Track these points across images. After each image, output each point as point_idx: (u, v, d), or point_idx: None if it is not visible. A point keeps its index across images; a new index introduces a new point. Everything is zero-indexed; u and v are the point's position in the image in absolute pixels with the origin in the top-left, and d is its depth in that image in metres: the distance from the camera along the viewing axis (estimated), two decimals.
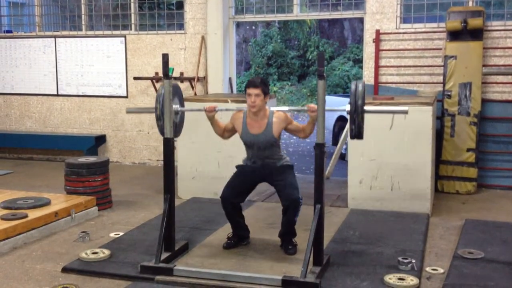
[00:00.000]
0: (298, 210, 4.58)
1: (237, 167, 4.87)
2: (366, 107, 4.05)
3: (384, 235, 5.10)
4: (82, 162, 6.12)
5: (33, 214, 5.23)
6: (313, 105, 4.25)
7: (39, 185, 7.45)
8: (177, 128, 4.67)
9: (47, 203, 5.57)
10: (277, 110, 4.65)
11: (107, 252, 4.56)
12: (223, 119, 4.97)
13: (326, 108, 4.13)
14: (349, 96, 4.07)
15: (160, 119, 4.47)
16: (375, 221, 5.59)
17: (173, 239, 4.55)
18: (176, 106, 4.55)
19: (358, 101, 4.00)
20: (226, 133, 4.83)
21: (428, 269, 4.33)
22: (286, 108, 4.64)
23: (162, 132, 4.53)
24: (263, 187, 5.69)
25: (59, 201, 5.73)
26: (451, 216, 5.91)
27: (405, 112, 4.32)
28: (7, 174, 8.25)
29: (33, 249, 4.84)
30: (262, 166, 4.69)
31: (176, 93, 4.61)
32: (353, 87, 4.06)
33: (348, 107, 4.06)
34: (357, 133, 4.08)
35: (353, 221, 5.59)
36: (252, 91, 4.51)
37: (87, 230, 5.26)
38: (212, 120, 4.68)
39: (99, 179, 6.12)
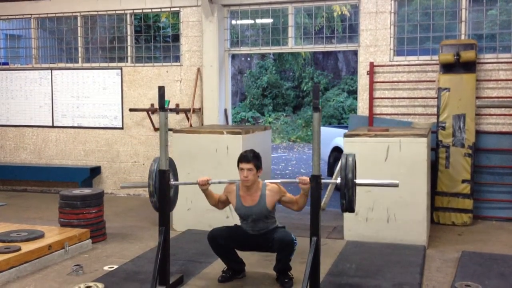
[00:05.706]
0: (293, 250, 4.56)
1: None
2: (357, 178, 4.03)
3: (380, 268, 5.06)
4: (76, 194, 6.09)
5: (26, 247, 5.17)
6: (304, 178, 4.25)
7: (33, 217, 7.39)
8: (172, 201, 4.66)
9: (41, 236, 5.51)
10: (270, 182, 4.66)
11: (101, 286, 4.51)
12: (218, 188, 4.86)
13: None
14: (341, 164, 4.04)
15: (153, 195, 4.45)
16: (372, 253, 5.56)
17: (168, 272, 4.51)
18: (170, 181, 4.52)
19: (349, 174, 3.98)
20: (220, 204, 4.84)
21: None
22: (278, 180, 4.72)
23: (156, 208, 4.50)
24: None
25: (52, 234, 5.68)
26: (447, 248, 5.89)
27: (396, 186, 4.23)
28: (1, 206, 8.18)
29: (26, 283, 4.77)
30: (257, 235, 4.70)
31: (170, 167, 4.57)
32: (343, 160, 4.04)
33: (339, 180, 4.05)
34: (348, 207, 4.06)
35: (349, 253, 5.55)
36: (245, 165, 4.53)
37: (81, 263, 5.20)
38: (205, 192, 4.68)
39: (93, 211, 6.08)
